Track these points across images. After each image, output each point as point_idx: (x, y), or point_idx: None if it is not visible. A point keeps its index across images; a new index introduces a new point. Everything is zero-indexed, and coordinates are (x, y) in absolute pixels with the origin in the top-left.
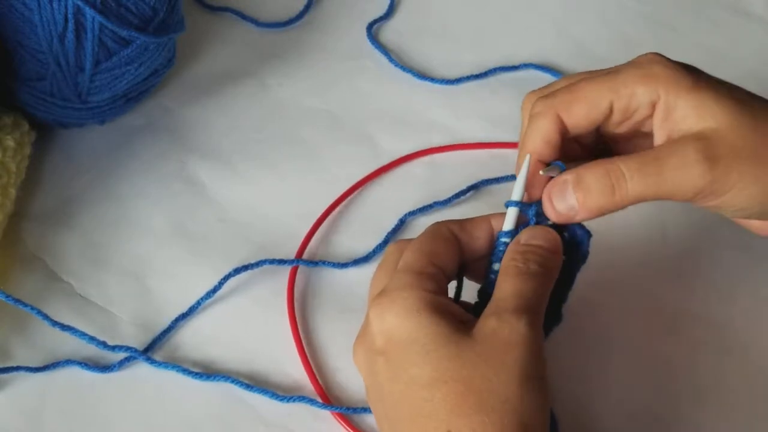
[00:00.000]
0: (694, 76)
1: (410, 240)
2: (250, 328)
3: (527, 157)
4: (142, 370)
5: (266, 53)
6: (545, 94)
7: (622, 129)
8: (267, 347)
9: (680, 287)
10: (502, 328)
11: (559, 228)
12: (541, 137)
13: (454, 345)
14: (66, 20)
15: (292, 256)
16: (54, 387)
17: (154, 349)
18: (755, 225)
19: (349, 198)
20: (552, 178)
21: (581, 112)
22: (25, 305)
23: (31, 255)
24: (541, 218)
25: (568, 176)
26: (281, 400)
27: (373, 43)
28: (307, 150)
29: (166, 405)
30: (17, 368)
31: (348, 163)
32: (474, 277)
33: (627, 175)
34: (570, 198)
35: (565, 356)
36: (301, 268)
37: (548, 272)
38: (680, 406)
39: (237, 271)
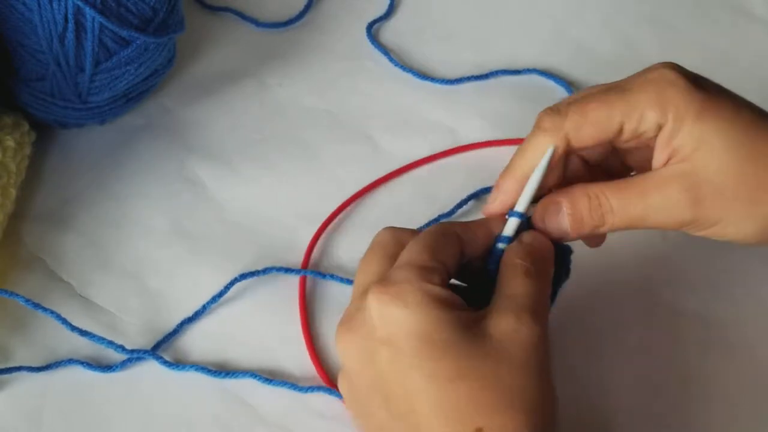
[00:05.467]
0: (702, 101)
1: (403, 229)
2: (258, 330)
3: (539, 170)
4: (143, 369)
5: (266, 53)
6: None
7: (631, 144)
8: (276, 348)
9: (680, 287)
10: (522, 328)
11: None
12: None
13: (471, 341)
14: (66, 20)
15: (292, 256)
16: (55, 387)
17: (159, 349)
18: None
19: (354, 203)
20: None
21: (590, 135)
22: (45, 309)
23: (31, 255)
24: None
25: (563, 200)
26: (301, 390)
27: (373, 43)
28: (307, 150)
29: (166, 405)
30: (18, 368)
31: (348, 163)
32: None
33: (615, 209)
34: (563, 222)
35: (563, 355)
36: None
37: (548, 277)
38: (680, 405)
39: (243, 276)
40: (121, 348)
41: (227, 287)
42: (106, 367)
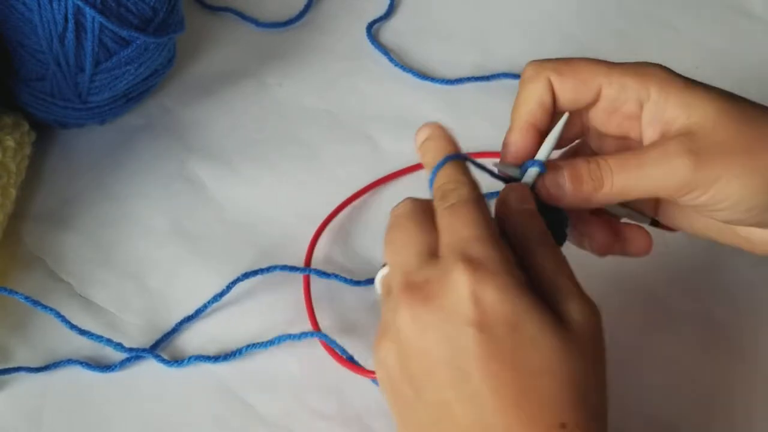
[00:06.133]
0: (686, 80)
1: (427, 200)
2: (260, 329)
3: (564, 117)
4: (142, 369)
5: (266, 53)
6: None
7: (610, 125)
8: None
9: (680, 287)
10: (583, 318)
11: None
12: (535, 100)
13: (558, 336)
14: (66, 20)
15: (292, 256)
16: (55, 387)
17: (158, 348)
18: (759, 243)
19: (355, 203)
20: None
21: (570, 85)
22: (44, 307)
23: (31, 255)
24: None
25: (563, 163)
26: (296, 338)
27: (373, 43)
28: (307, 150)
29: (166, 405)
30: (18, 369)
31: (348, 163)
32: None
33: (613, 168)
34: (561, 180)
35: None
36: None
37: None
38: (680, 405)
39: (246, 275)
40: (120, 346)
41: (229, 286)
42: (106, 367)
